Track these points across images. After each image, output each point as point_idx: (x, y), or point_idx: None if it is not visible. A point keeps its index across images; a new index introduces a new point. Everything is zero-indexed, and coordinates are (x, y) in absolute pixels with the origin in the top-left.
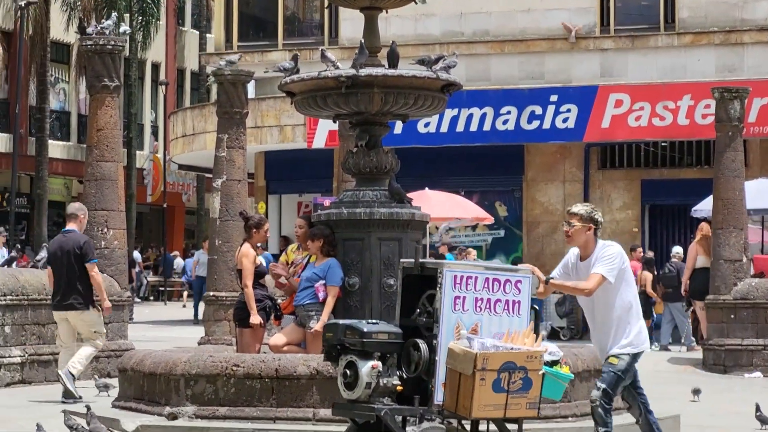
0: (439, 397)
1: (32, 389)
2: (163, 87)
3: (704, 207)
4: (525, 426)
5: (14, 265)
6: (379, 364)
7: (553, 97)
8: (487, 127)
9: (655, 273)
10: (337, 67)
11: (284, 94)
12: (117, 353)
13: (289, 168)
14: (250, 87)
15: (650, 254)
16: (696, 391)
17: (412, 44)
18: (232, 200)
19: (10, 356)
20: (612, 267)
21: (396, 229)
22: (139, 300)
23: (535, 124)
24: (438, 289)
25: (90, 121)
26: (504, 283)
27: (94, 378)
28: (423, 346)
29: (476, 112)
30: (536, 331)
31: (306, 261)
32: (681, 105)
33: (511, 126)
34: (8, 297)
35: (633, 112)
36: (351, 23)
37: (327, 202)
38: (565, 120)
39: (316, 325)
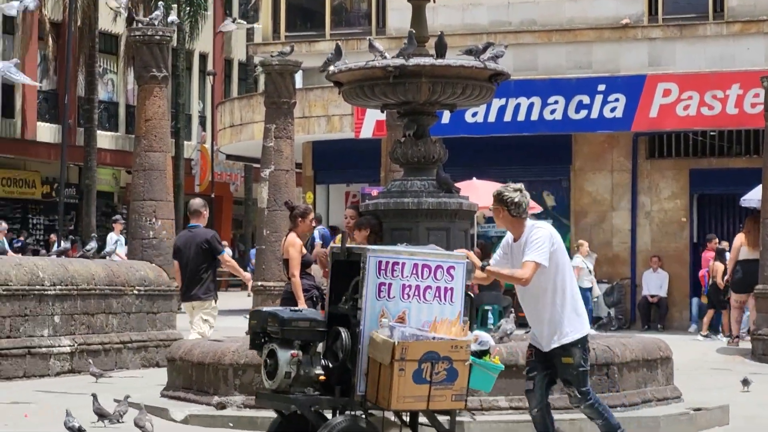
0: (362, 387)
1: (81, 379)
2: (211, 77)
3: (753, 196)
4: (572, 416)
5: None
6: (300, 353)
7: (601, 87)
8: (534, 116)
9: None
10: (385, 57)
11: (332, 84)
12: (165, 343)
13: (337, 158)
14: (298, 77)
15: (724, 245)
16: (745, 382)
17: (460, 34)
18: (279, 190)
19: (59, 346)
20: (542, 251)
21: (444, 218)
22: None
23: (583, 113)
24: (361, 275)
25: (138, 112)
26: (435, 269)
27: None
28: (344, 334)
29: (524, 102)
30: (471, 319)
31: None
32: (730, 94)
33: (558, 116)
34: (58, 287)
35: (681, 101)
36: (398, 13)
37: (375, 191)
38: (613, 109)
39: None
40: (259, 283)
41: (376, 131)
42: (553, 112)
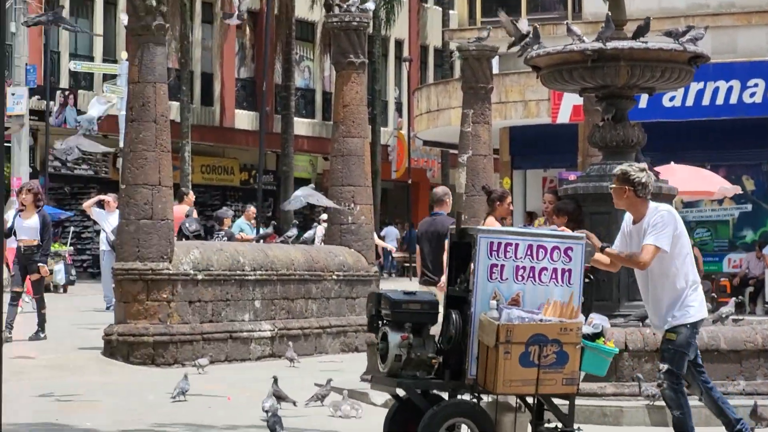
0: (473, 370)
1: (281, 363)
2: (407, 63)
3: None
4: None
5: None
6: (410, 335)
7: None
8: (733, 100)
9: None
10: (583, 41)
11: (528, 69)
12: (365, 328)
13: (534, 143)
14: (494, 62)
15: None
16: None
17: (657, 17)
18: (477, 175)
19: (260, 330)
20: (664, 234)
21: None
22: (386, 275)
23: None
24: (473, 256)
25: (336, 98)
26: (551, 251)
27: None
28: (455, 317)
29: (722, 85)
30: (589, 302)
31: None
32: None
33: (758, 99)
34: (258, 272)
35: None
36: None
37: (573, 176)
38: None
39: None
40: None
41: (573, 116)
42: (752, 95)
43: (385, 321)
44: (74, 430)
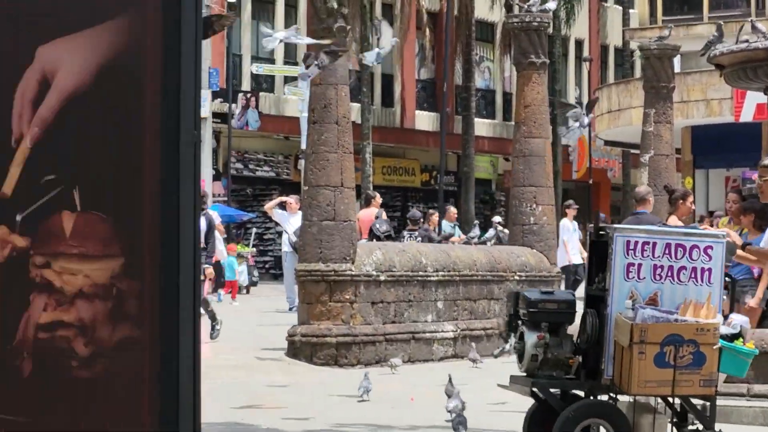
0: (609, 371)
1: (463, 364)
2: (587, 63)
3: None
4: None
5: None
6: (546, 335)
7: None
8: None
9: None
10: None
11: (710, 68)
12: None
13: (716, 142)
14: (676, 61)
15: None
16: None
17: None
18: (659, 175)
19: (443, 331)
20: None
21: None
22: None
23: None
24: (609, 255)
25: (517, 98)
26: (690, 249)
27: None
28: (592, 316)
29: None
30: (732, 301)
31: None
32: None
33: None
34: (440, 273)
35: None
36: None
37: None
38: None
39: (751, 301)
40: None
41: (756, 114)
42: None
43: (522, 320)
44: (259, 430)
